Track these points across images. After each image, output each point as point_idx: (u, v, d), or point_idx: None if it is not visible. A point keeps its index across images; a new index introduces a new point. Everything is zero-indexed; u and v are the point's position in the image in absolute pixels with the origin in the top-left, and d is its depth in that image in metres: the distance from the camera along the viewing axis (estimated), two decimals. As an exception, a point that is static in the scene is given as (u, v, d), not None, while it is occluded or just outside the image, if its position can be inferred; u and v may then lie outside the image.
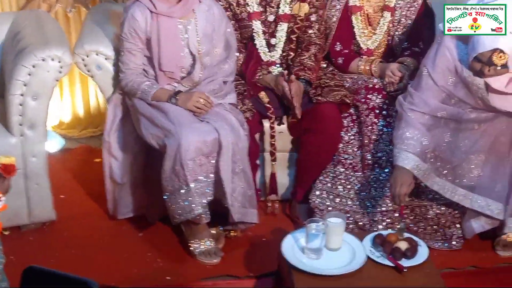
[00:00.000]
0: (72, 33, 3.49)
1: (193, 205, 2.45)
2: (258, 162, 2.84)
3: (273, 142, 2.79)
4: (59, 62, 2.61)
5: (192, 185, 2.43)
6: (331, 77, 2.85)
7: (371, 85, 2.78)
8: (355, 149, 2.76)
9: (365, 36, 2.93)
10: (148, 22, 2.53)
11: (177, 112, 2.52)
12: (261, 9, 2.82)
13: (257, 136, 2.82)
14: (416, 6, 2.90)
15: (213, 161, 2.49)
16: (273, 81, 2.78)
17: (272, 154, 2.81)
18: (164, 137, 2.47)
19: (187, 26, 2.59)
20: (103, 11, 3.08)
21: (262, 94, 2.79)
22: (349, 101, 2.74)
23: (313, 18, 2.89)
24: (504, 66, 2.30)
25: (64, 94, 3.63)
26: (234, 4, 2.81)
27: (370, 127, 2.72)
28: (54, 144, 3.43)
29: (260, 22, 2.83)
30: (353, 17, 2.92)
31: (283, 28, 2.83)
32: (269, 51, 2.85)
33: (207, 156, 2.47)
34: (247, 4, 2.80)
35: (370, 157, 2.71)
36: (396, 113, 2.65)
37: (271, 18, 2.83)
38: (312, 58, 2.84)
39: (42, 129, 2.64)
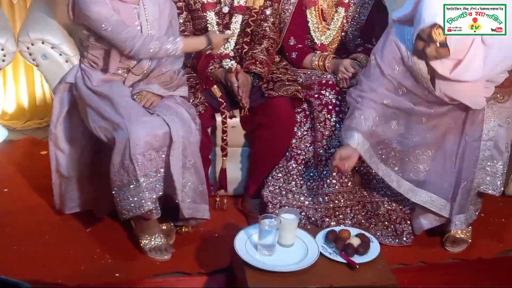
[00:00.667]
0: (17, 20, 3.37)
1: (142, 201, 2.39)
2: (210, 157, 2.80)
3: (224, 137, 2.76)
4: (2, 50, 2.52)
5: (141, 180, 2.38)
6: (284, 72, 2.84)
7: (324, 81, 2.78)
8: (308, 145, 2.76)
9: (319, 31, 2.94)
10: (108, 2, 2.44)
11: (126, 104, 2.46)
12: (215, 0, 2.78)
13: (209, 130, 2.78)
14: (370, 2, 2.93)
15: (164, 156, 2.44)
16: (222, 76, 2.76)
17: (223, 149, 2.79)
18: (113, 130, 2.41)
19: (138, 11, 2.53)
20: (49, -1, 2.98)
21: (215, 88, 2.75)
22: (301, 96, 2.74)
23: (268, 11, 2.87)
24: (444, 44, 2.32)
25: (7, 83, 3.51)
26: None
27: (323, 123, 2.72)
28: (-4, 135, 3.32)
29: (214, 13, 2.80)
30: (308, 12, 2.92)
31: (237, 20, 2.81)
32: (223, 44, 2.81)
33: (157, 150, 2.42)
34: None
35: (323, 153, 2.71)
36: (348, 108, 2.66)
37: (225, 9, 2.80)
38: (264, 52, 2.82)
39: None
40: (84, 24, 2.47)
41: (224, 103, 2.73)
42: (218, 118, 2.77)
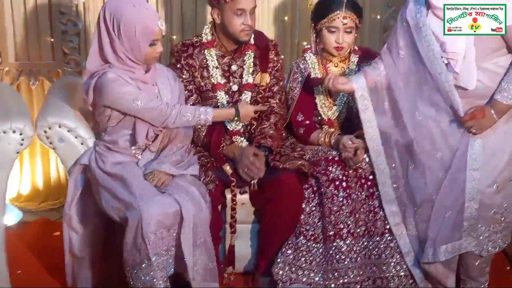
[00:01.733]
0: (35, 105, 3.50)
1: (154, 280, 2.41)
2: (220, 234, 2.82)
3: (233, 214, 2.80)
4: (21, 134, 2.60)
5: (153, 259, 2.40)
6: (292, 149, 2.90)
7: (330, 157, 2.83)
8: (316, 220, 2.78)
9: (326, 107, 3.01)
10: (129, 81, 2.52)
11: (139, 184, 2.51)
12: (225, 80, 2.90)
13: (219, 207, 2.81)
14: None
15: (174, 234, 2.47)
16: (238, 151, 2.81)
17: (232, 226, 2.81)
18: (126, 210, 2.45)
19: (157, 91, 2.64)
20: (66, 84, 3.11)
21: (226, 166, 2.82)
22: (306, 170, 2.79)
23: (274, 88, 2.97)
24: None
25: (24, 165, 3.59)
26: (198, 77, 2.88)
27: (331, 199, 2.76)
28: (11, 217, 3.36)
29: (224, 92, 2.89)
30: (315, 89, 3.00)
31: (247, 97, 2.90)
32: (233, 120, 2.89)
33: (169, 228, 2.46)
34: (212, 76, 2.88)
35: (331, 228, 2.74)
36: (355, 184, 2.74)
37: (235, 88, 2.90)
38: (273, 126, 2.90)
39: (0, 202, 2.60)
40: (107, 107, 2.54)
41: (235, 181, 2.79)
42: (228, 195, 2.81)
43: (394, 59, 2.68)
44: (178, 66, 2.85)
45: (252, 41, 2.91)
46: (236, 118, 2.72)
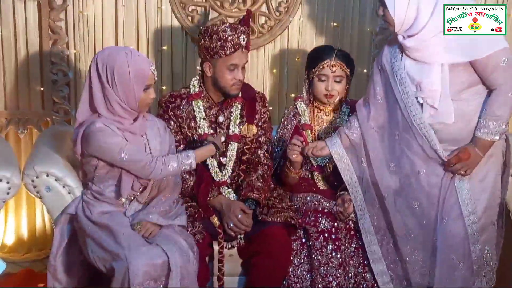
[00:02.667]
0: (23, 154, 3.49)
1: (140, 333, 2.36)
2: (208, 286, 2.78)
3: (221, 267, 2.77)
4: (8, 183, 2.59)
5: (140, 310, 2.36)
6: (279, 201, 2.90)
7: (320, 208, 2.84)
8: (305, 273, 2.76)
9: None
10: (117, 132, 2.53)
11: (126, 234, 2.49)
12: (212, 131, 2.91)
13: (207, 258, 2.79)
14: None
15: (161, 286, 2.43)
16: (225, 203, 2.80)
17: (220, 279, 2.77)
18: (112, 261, 2.42)
19: (145, 142, 2.64)
20: (54, 133, 3.12)
21: (213, 218, 2.80)
22: (294, 222, 2.78)
23: (261, 139, 2.99)
24: None
25: (8, 216, 3.55)
26: (186, 128, 2.89)
27: (320, 251, 2.74)
28: (-6, 268, 3.29)
29: None
30: (305, 133, 3.03)
31: (233, 148, 2.91)
32: (220, 171, 2.90)
33: (156, 280, 2.42)
34: (199, 127, 2.89)
35: (320, 281, 2.71)
36: (344, 236, 2.74)
37: (222, 138, 2.92)
38: (260, 179, 2.90)
39: (-16, 253, 2.56)
40: (94, 156, 2.55)
41: (222, 233, 2.77)
42: (216, 247, 2.78)
43: (372, 105, 2.75)
44: (166, 117, 2.88)
45: (239, 94, 2.94)
46: (217, 152, 2.71)
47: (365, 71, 3.55)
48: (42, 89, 3.45)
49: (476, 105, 2.56)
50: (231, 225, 2.74)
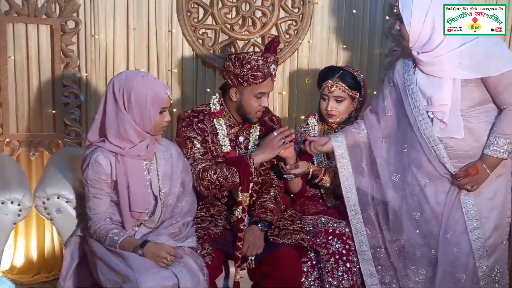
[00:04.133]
0: (34, 176, 3.50)
1: None
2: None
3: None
4: (19, 205, 2.60)
5: (150, 334, 2.35)
6: (290, 223, 2.89)
7: (331, 230, 2.83)
8: (316, 295, 2.75)
9: (324, 167, 3.02)
10: (112, 166, 2.55)
11: (136, 256, 2.48)
12: (231, 149, 2.91)
13: (216, 281, 2.77)
14: None
15: (172, 308, 2.43)
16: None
17: (231, 298, 2.76)
18: (122, 283, 2.41)
19: (150, 167, 2.64)
20: (65, 155, 3.14)
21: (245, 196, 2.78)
22: (305, 244, 2.77)
23: (275, 160, 2.98)
24: None
25: (18, 237, 3.56)
26: (209, 141, 2.88)
27: (331, 273, 2.73)
28: (3, 290, 3.29)
29: None
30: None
31: None
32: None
33: (166, 302, 2.41)
34: (221, 144, 2.88)
35: (331, 303, 2.70)
36: (356, 257, 2.74)
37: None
38: (273, 200, 2.90)
39: (-6, 275, 2.57)
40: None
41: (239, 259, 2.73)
42: (232, 268, 2.77)
43: (380, 117, 2.78)
44: (189, 128, 2.85)
45: None
46: (139, 252, 2.50)
47: (374, 92, 3.56)
48: (54, 111, 3.48)
49: (485, 123, 2.59)
50: (282, 142, 2.76)
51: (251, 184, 2.79)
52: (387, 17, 3.56)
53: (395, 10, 2.59)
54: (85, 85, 3.48)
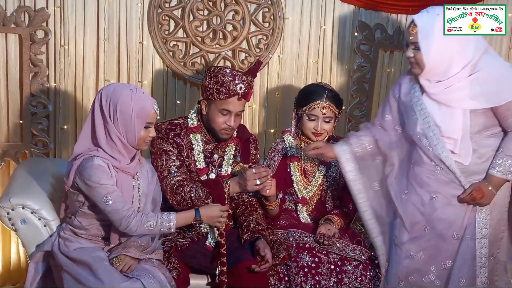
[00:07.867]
0: (0, 186, 3.45)
1: None
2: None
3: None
4: (-18, 215, 2.56)
5: None
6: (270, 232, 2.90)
7: (301, 244, 2.84)
8: (283, 308, 2.75)
9: (301, 185, 3.07)
10: (111, 173, 2.51)
11: (105, 269, 2.46)
12: (205, 166, 2.90)
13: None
14: None
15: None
16: (239, 177, 2.79)
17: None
18: (90, 296, 2.40)
19: (134, 183, 2.63)
20: (32, 166, 3.11)
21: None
22: (290, 262, 2.77)
23: None
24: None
25: (-18, 249, 3.50)
26: (184, 156, 2.86)
27: (299, 286, 2.73)
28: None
29: (204, 177, 2.89)
30: (291, 165, 3.07)
31: None
32: None
33: (136, 314, 2.40)
34: (196, 160, 2.87)
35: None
36: (326, 269, 2.77)
37: (212, 176, 2.90)
38: (259, 220, 2.90)
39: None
40: (83, 192, 2.50)
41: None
42: (193, 280, 2.77)
43: (389, 130, 2.79)
44: (165, 141, 2.84)
45: (235, 134, 2.96)
46: (197, 219, 2.60)
47: (343, 107, 3.60)
48: (21, 121, 3.43)
49: (491, 144, 2.61)
50: (258, 182, 2.74)
51: None
52: (356, 34, 3.62)
53: (411, 38, 2.56)
54: (54, 95, 3.45)
